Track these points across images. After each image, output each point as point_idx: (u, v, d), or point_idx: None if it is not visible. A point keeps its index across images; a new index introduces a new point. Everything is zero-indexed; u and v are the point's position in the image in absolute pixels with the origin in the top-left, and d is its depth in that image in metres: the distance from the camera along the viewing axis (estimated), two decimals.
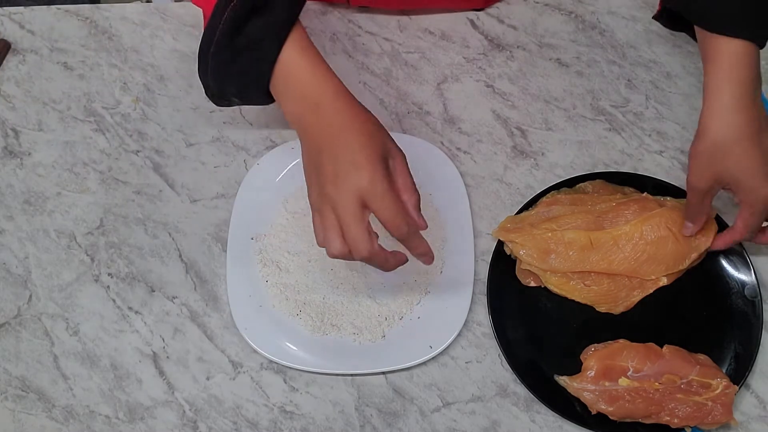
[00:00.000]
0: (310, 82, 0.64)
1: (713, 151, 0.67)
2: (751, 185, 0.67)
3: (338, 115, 0.63)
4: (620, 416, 0.69)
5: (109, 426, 0.72)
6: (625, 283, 0.74)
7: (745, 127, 0.66)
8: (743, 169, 0.67)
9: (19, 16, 0.92)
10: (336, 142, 0.62)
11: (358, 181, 0.60)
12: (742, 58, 0.66)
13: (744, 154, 0.66)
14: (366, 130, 0.63)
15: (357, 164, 0.60)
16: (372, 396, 0.73)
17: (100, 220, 0.81)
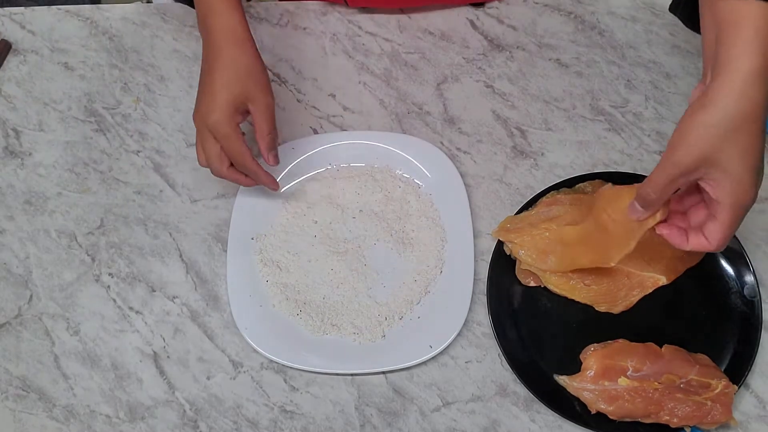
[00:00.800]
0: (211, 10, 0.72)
1: (719, 126, 0.55)
2: (741, 183, 0.56)
3: (222, 51, 0.72)
4: (620, 416, 0.69)
5: (110, 426, 0.72)
6: (624, 282, 0.74)
7: (760, 107, 0.54)
8: (742, 161, 0.55)
9: (20, 16, 0.93)
10: (206, 74, 0.72)
11: (209, 120, 0.71)
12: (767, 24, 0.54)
13: (749, 140, 0.55)
14: (231, 72, 0.71)
15: (212, 105, 0.71)
16: (372, 396, 0.73)
17: (100, 220, 0.81)
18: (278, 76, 0.88)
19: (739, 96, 0.54)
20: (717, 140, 0.55)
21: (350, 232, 0.80)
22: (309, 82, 0.88)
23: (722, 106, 0.54)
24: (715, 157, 0.55)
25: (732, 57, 0.55)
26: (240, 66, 0.72)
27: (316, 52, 0.90)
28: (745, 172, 0.55)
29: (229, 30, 0.72)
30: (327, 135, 0.84)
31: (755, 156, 0.55)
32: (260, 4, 0.93)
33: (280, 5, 0.93)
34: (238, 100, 0.71)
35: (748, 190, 0.56)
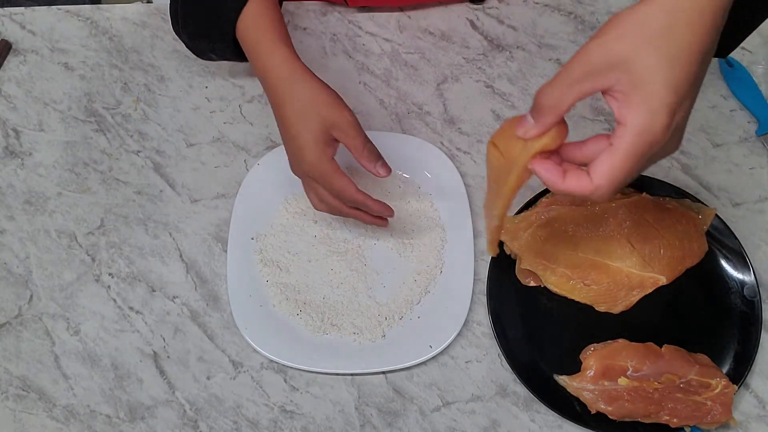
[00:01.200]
0: (260, 47, 0.68)
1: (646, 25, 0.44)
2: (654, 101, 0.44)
3: (280, 88, 0.67)
4: (620, 416, 0.69)
5: (110, 425, 0.72)
6: (624, 282, 0.74)
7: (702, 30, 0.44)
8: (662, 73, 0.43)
9: (20, 16, 0.93)
10: (283, 119, 0.68)
11: (303, 168, 0.68)
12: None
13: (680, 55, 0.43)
14: (300, 110, 0.66)
15: (299, 153, 0.67)
16: (372, 395, 0.73)
17: (100, 220, 0.81)
18: None
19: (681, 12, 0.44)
20: (641, 40, 0.44)
21: (350, 232, 0.80)
22: None
23: (658, 8, 0.44)
24: (632, 60, 0.44)
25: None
26: (305, 100, 0.67)
27: (316, 52, 0.90)
28: (664, 90, 0.43)
29: (280, 68, 0.67)
30: None
31: (682, 76, 0.44)
32: None
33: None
34: (319, 136, 0.66)
35: (658, 117, 0.44)
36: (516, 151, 0.50)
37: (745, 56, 0.88)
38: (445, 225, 0.79)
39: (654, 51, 0.43)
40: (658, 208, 0.76)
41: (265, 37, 0.68)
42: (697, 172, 0.82)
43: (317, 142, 0.66)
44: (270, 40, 0.67)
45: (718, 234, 0.76)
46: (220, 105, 0.87)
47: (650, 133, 0.44)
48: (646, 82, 0.44)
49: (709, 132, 0.84)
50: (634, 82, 0.44)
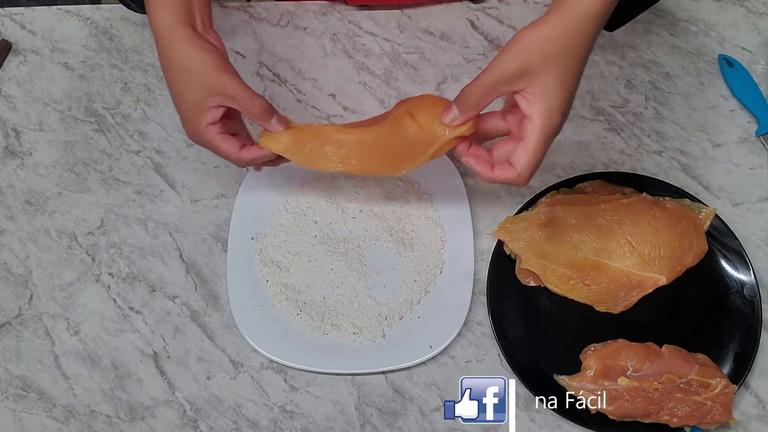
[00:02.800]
0: (153, 7, 0.63)
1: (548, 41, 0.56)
2: (552, 104, 0.57)
3: (161, 57, 0.63)
4: (620, 416, 0.69)
5: (110, 425, 0.72)
6: (624, 282, 0.74)
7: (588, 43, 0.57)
8: (559, 82, 0.56)
9: (20, 16, 0.93)
10: (168, 84, 0.64)
11: (188, 134, 0.66)
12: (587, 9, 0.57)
13: (572, 67, 0.56)
14: (178, 74, 0.63)
15: (183, 120, 0.65)
16: (372, 395, 0.73)
17: (100, 219, 0.81)
18: (278, 76, 0.88)
19: (576, 24, 0.56)
20: (544, 55, 0.56)
21: (350, 232, 0.80)
22: (309, 82, 0.88)
23: (558, 27, 0.56)
24: (538, 71, 0.57)
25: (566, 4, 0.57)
26: (184, 62, 0.62)
27: (316, 52, 0.90)
28: (560, 94, 0.57)
29: (163, 27, 0.62)
30: None
31: (570, 85, 0.57)
32: (260, 4, 0.93)
33: (280, 5, 0.93)
34: (198, 106, 0.63)
35: (556, 115, 0.58)
36: (438, 131, 0.62)
37: (745, 56, 0.88)
38: (445, 225, 0.79)
39: (553, 66, 0.56)
40: (658, 208, 0.76)
41: None
42: (697, 172, 0.82)
43: (196, 112, 0.64)
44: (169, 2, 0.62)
45: (718, 234, 0.76)
46: None
47: (552, 126, 0.58)
48: (548, 88, 0.57)
49: (709, 132, 0.84)
50: (539, 88, 0.57)
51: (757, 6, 0.91)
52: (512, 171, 0.60)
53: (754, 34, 0.89)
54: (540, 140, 0.58)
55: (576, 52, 0.57)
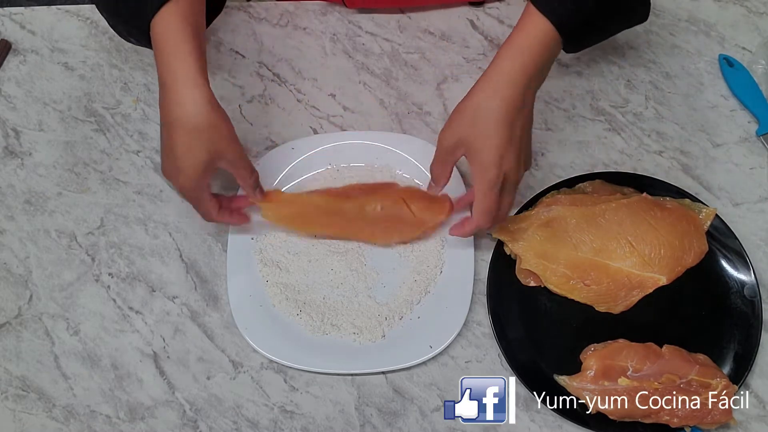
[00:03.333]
0: (167, 57, 0.65)
1: (470, 113, 0.67)
2: (484, 161, 0.66)
3: (176, 106, 0.65)
4: (620, 416, 0.69)
5: (110, 426, 0.72)
6: (624, 282, 0.74)
7: (508, 102, 0.65)
8: (485, 142, 0.66)
9: (20, 16, 0.93)
10: (170, 135, 0.66)
11: (176, 183, 0.69)
12: (543, 39, 0.66)
13: (493, 127, 0.65)
14: (194, 132, 0.65)
15: (175, 170, 0.67)
16: (372, 396, 0.73)
17: (100, 219, 0.81)
18: (278, 76, 0.88)
19: (492, 92, 0.66)
20: (472, 123, 0.67)
21: None
22: (309, 82, 0.88)
23: (477, 98, 0.67)
24: (469, 137, 0.67)
25: (502, 55, 0.67)
26: (198, 121, 0.65)
27: (316, 52, 0.90)
28: (491, 151, 0.66)
29: (182, 80, 0.65)
30: (327, 135, 0.84)
31: (500, 141, 0.66)
32: (260, 4, 0.93)
33: (280, 5, 0.93)
34: (204, 164, 0.67)
35: (492, 168, 0.66)
36: (427, 218, 0.76)
37: (745, 56, 0.88)
38: (445, 225, 0.79)
39: (481, 130, 0.66)
40: (658, 208, 0.76)
41: (176, 37, 0.65)
42: (697, 172, 0.82)
43: (197, 169, 0.67)
44: (179, 41, 0.65)
45: (718, 234, 0.76)
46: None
47: (489, 179, 0.67)
48: (479, 150, 0.67)
49: (709, 132, 0.84)
50: (472, 152, 0.67)
51: (757, 6, 0.91)
52: (474, 222, 0.71)
53: (755, 34, 0.89)
54: (482, 192, 0.68)
55: (502, 113, 0.65)
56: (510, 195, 0.70)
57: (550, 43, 0.67)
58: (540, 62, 0.67)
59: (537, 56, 0.66)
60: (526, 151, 0.69)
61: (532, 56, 0.66)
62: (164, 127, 0.67)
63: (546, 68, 0.68)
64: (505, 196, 0.69)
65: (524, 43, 0.66)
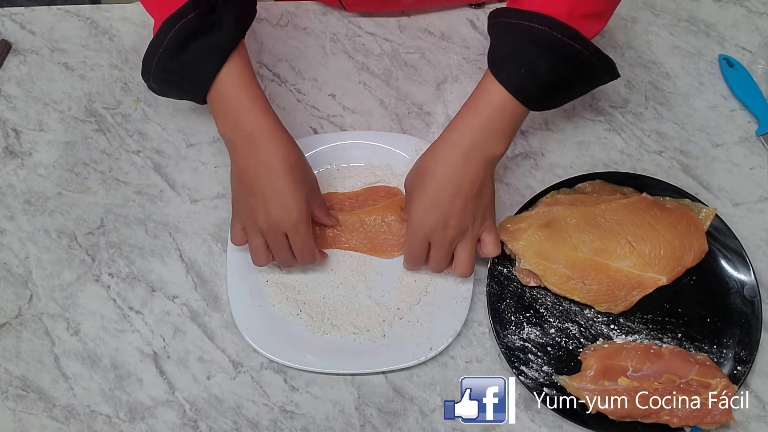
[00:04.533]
0: (246, 113, 0.69)
1: (418, 165, 0.72)
2: (414, 206, 0.70)
3: (272, 154, 0.69)
4: (620, 416, 0.69)
5: (110, 426, 0.72)
6: (624, 282, 0.74)
7: (449, 161, 0.68)
8: (413, 199, 0.70)
9: (20, 16, 0.93)
10: (267, 181, 0.69)
11: (288, 222, 0.70)
12: (500, 105, 0.67)
13: (430, 179, 0.69)
14: (295, 173, 0.70)
15: (287, 207, 0.69)
16: (372, 395, 0.73)
17: (100, 220, 0.81)
18: (278, 76, 0.88)
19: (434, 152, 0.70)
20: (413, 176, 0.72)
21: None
22: (309, 82, 0.88)
23: (426, 153, 0.71)
24: (409, 189, 0.73)
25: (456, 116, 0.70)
26: (296, 162, 0.71)
27: (316, 52, 0.90)
28: (413, 208, 0.71)
29: (271, 130, 0.70)
30: (327, 135, 0.84)
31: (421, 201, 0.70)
32: (260, 4, 0.93)
33: (280, 5, 0.93)
34: (307, 197, 0.71)
35: (412, 221, 0.71)
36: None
37: (745, 56, 0.88)
38: None
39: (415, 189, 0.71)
40: (658, 208, 0.76)
41: (247, 92, 0.70)
42: (697, 172, 0.82)
43: (306, 203, 0.71)
44: (253, 96, 0.70)
45: (718, 234, 0.76)
46: None
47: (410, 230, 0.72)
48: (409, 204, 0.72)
49: (709, 132, 0.84)
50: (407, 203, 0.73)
51: (757, 6, 0.91)
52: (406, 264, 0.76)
53: (755, 34, 0.89)
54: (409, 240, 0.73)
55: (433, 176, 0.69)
56: (441, 250, 0.71)
57: (506, 112, 0.67)
58: (490, 132, 0.68)
59: (487, 127, 0.67)
60: (459, 215, 0.69)
61: (480, 126, 0.67)
62: (259, 175, 0.69)
63: (501, 136, 0.68)
64: (434, 249, 0.71)
65: (476, 112, 0.68)
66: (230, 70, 0.69)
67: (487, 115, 0.67)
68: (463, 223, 0.70)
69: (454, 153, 0.68)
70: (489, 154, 0.68)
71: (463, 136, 0.68)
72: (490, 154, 0.68)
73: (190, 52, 0.68)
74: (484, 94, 0.68)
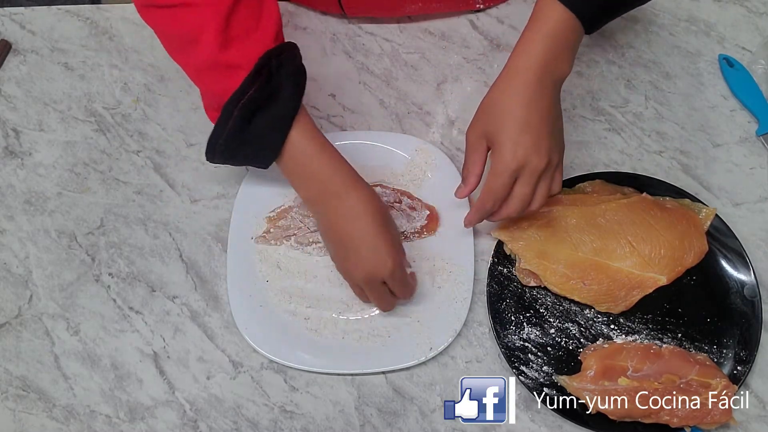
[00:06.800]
0: (326, 171, 0.71)
1: (488, 107, 0.69)
2: (500, 150, 0.67)
3: (363, 203, 0.70)
4: (620, 416, 0.69)
5: (110, 426, 0.72)
6: (624, 282, 0.74)
7: (521, 94, 0.66)
8: (500, 133, 0.67)
9: (20, 16, 0.93)
10: (356, 230, 0.70)
11: (384, 270, 0.69)
12: (559, 27, 0.66)
13: (508, 118, 0.67)
14: (381, 218, 0.71)
15: (388, 252, 0.69)
16: (372, 396, 0.73)
17: (100, 220, 0.81)
18: None
19: (506, 85, 0.68)
20: (487, 119, 0.69)
21: None
22: (309, 82, 0.87)
23: (493, 92, 0.69)
24: (487, 128, 0.69)
25: (516, 48, 0.68)
26: (383, 208, 0.72)
27: (316, 52, 0.90)
28: (503, 141, 0.67)
29: (353, 181, 0.71)
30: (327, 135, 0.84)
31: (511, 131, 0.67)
32: None
33: (281, 5, 0.92)
34: (398, 244, 0.71)
35: (504, 155, 0.67)
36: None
37: (745, 56, 0.88)
38: (445, 225, 0.79)
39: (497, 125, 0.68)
40: (658, 208, 0.76)
41: (321, 153, 0.71)
42: (697, 172, 0.82)
43: (400, 244, 0.72)
44: (328, 150, 0.71)
45: (718, 234, 0.76)
46: None
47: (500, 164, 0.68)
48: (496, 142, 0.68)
49: (709, 132, 0.84)
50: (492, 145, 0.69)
51: (757, 6, 0.91)
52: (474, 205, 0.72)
53: (755, 34, 0.89)
54: (491, 174, 0.69)
55: (514, 104, 0.67)
56: (527, 185, 0.68)
57: (568, 31, 0.66)
58: (556, 51, 0.66)
59: (553, 46, 0.66)
60: (548, 140, 0.68)
61: (547, 46, 0.66)
62: (347, 226, 0.70)
63: (566, 55, 0.68)
64: (520, 185, 0.68)
65: (539, 33, 0.66)
66: (298, 133, 0.70)
67: (550, 36, 0.66)
68: (551, 149, 0.68)
69: (528, 78, 0.67)
70: (558, 75, 0.68)
71: (531, 60, 0.66)
72: (558, 75, 0.68)
73: (257, 124, 0.69)
74: (543, 17, 0.66)
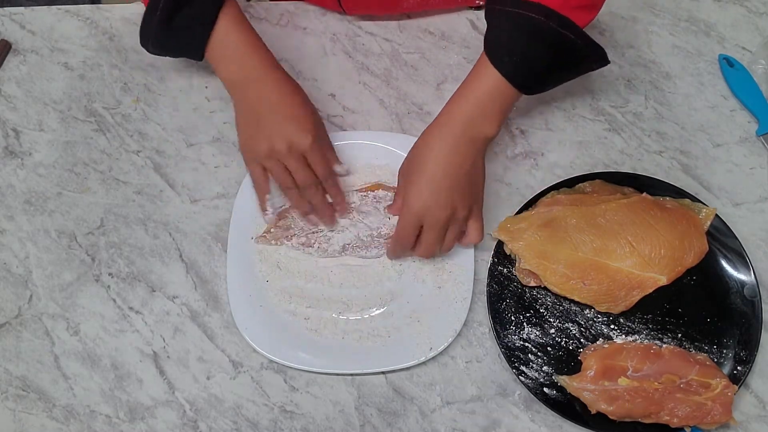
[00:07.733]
0: (247, 56, 0.74)
1: (414, 152, 0.73)
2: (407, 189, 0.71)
3: (282, 84, 0.74)
4: (620, 416, 0.69)
5: (110, 426, 0.72)
6: (624, 282, 0.74)
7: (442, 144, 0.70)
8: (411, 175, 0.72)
9: (20, 16, 0.93)
10: (279, 109, 0.73)
11: (304, 142, 0.72)
12: (491, 89, 0.69)
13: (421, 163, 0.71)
14: (302, 98, 0.75)
15: (310, 125, 0.73)
16: (372, 396, 0.73)
17: (100, 220, 0.81)
18: None
19: (427, 137, 0.72)
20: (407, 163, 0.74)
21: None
22: (309, 82, 0.88)
23: (419, 140, 0.73)
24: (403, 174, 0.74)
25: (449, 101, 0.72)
26: (306, 97, 0.76)
27: (316, 52, 0.90)
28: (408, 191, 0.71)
29: (277, 67, 0.75)
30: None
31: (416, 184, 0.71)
32: (260, 4, 0.93)
33: (280, 5, 0.93)
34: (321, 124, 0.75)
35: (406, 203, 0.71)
36: None
37: (745, 56, 0.88)
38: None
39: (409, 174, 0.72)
40: (658, 208, 0.76)
41: (247, 36, 0.74)
42: (697, 172, 0.82)
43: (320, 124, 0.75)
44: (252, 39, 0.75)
45: (718, 234, 0.76)
46: (220, 105, 0.87)
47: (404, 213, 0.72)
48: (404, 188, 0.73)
49: (709, 132, 0.84)
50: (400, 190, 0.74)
51: (757, 6, 0.91)
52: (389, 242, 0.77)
53: (755, 34, 0.89)
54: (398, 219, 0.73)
55: (426, 159, 0.71)
56: (431, 232, 0.71)
57: (499, 95, 0.69)
58: (484, 112, 0.70)
59: (480, 107, 0.69)
60: (449, 194, 0.70)
61: (474, 107, 0.70)
62: (271, 106, 0.73)
63: (494, 117, 0.70)
64: (425, 233, 0.72)
65: (471, 93, 0.70)
66: (225, 23, 0.73)
67: (479, 98, 0.69)
68: (455, 202, 0.71)
69: (446, 133, 0.70)
70: (480, 135, 0.70)
71: (455, 117, 0.70)
72: (481, 135, 0.70)
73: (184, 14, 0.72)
74: (477, 78, 0.70)
